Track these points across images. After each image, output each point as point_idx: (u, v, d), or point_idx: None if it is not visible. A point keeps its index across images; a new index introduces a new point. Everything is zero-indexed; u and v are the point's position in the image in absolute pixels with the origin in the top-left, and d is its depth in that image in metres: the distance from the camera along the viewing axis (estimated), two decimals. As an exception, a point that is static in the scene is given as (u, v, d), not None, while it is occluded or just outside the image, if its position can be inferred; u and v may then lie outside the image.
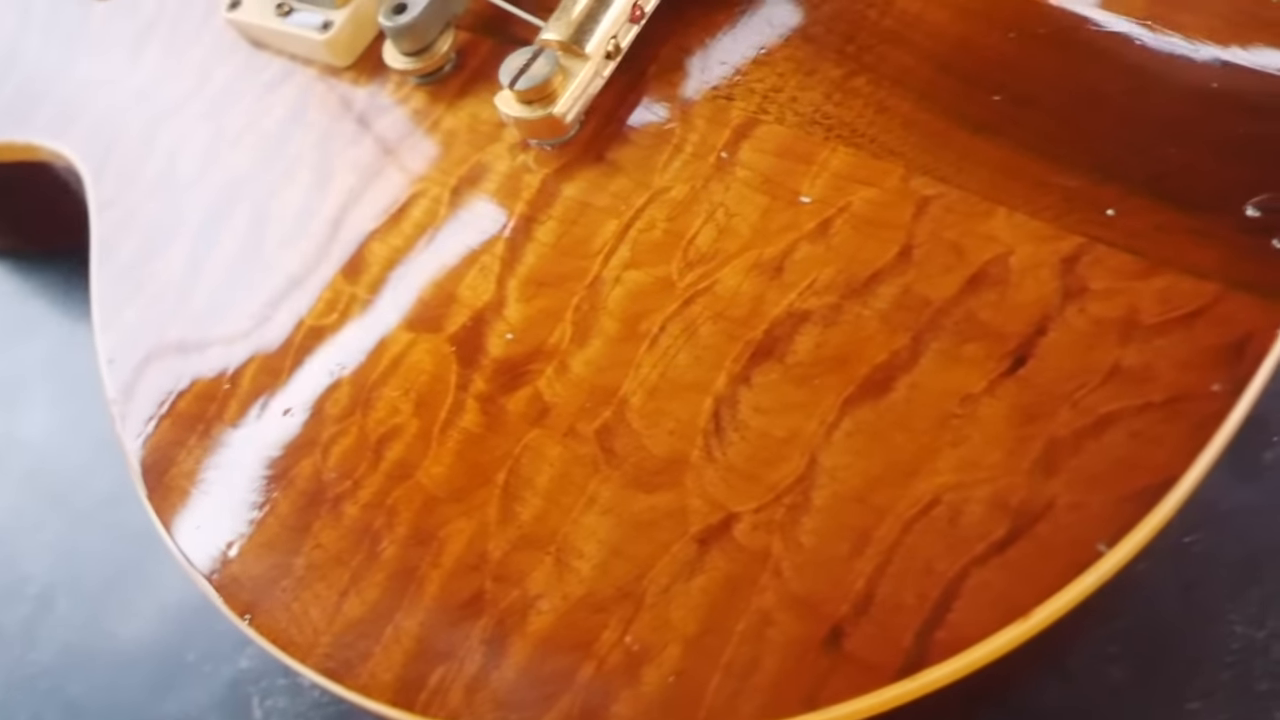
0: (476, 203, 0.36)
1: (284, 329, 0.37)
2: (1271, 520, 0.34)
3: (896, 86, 0.34)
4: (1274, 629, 0.32)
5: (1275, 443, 0.35)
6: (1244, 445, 0.35)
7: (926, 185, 0.32)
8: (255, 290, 0.38)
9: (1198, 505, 0.29)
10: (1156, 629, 0.33)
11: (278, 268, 0.38)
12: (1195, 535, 0.34)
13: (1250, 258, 0.30)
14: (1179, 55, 0.33)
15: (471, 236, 0.36)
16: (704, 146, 0.35)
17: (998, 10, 0.35)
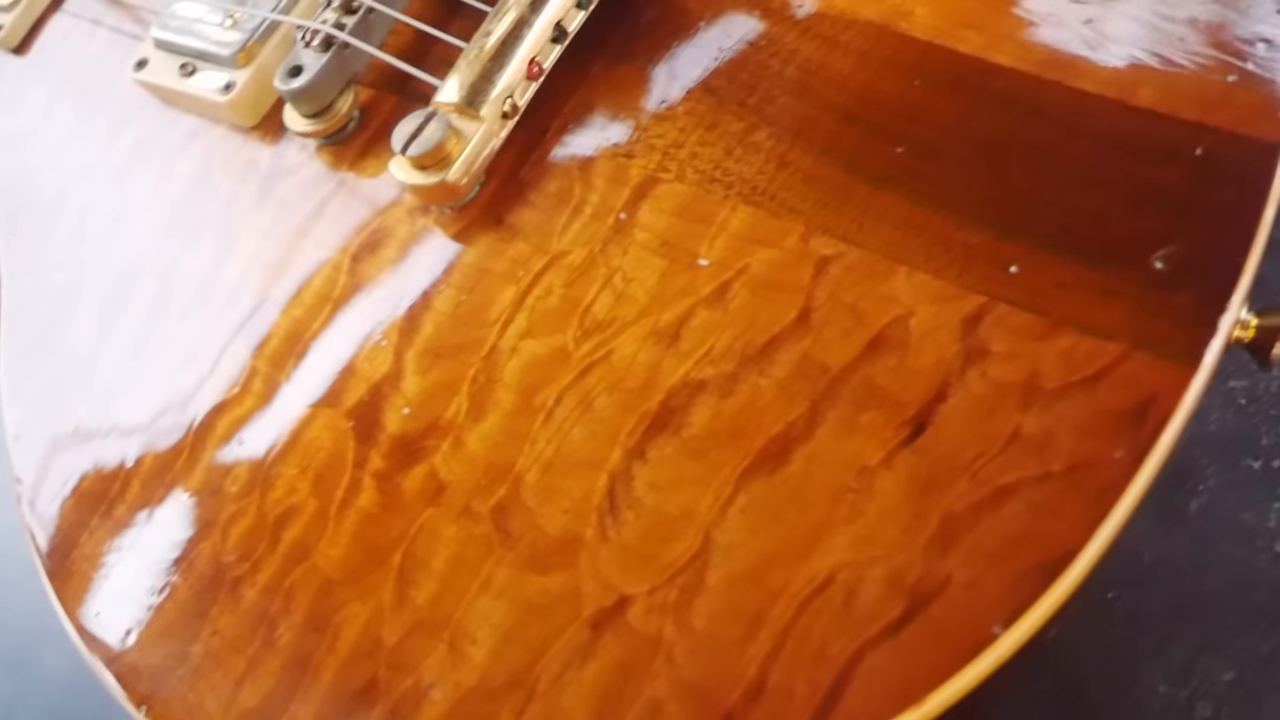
0: (376, 270, 0.36)
1: (186, 405, 0.36)
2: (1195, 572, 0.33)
3: (798, 140, 0.33)
4: (1197, 688, 0.31)
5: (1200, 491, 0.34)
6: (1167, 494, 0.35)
7: (826, 244, 0.32)
8: (159, 365, 0.37)
9: (1120, 558, 0.28)
10: (1076, 691, 0.32)
11: (181, 341, 0.37)
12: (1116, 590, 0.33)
13: (1156, 315, 0.29)
14: (1086, 100, 0.32)
15: (371, 306, 0.35)
16: (603, 207, 0.34)
17: (902, 57, 0.34)
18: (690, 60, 0.36)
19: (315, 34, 0.37)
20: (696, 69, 0.36)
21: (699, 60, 0.36)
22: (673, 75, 0.36)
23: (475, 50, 0.35)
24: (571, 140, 0.36)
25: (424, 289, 0.35)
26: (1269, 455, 0.35)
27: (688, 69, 0.36)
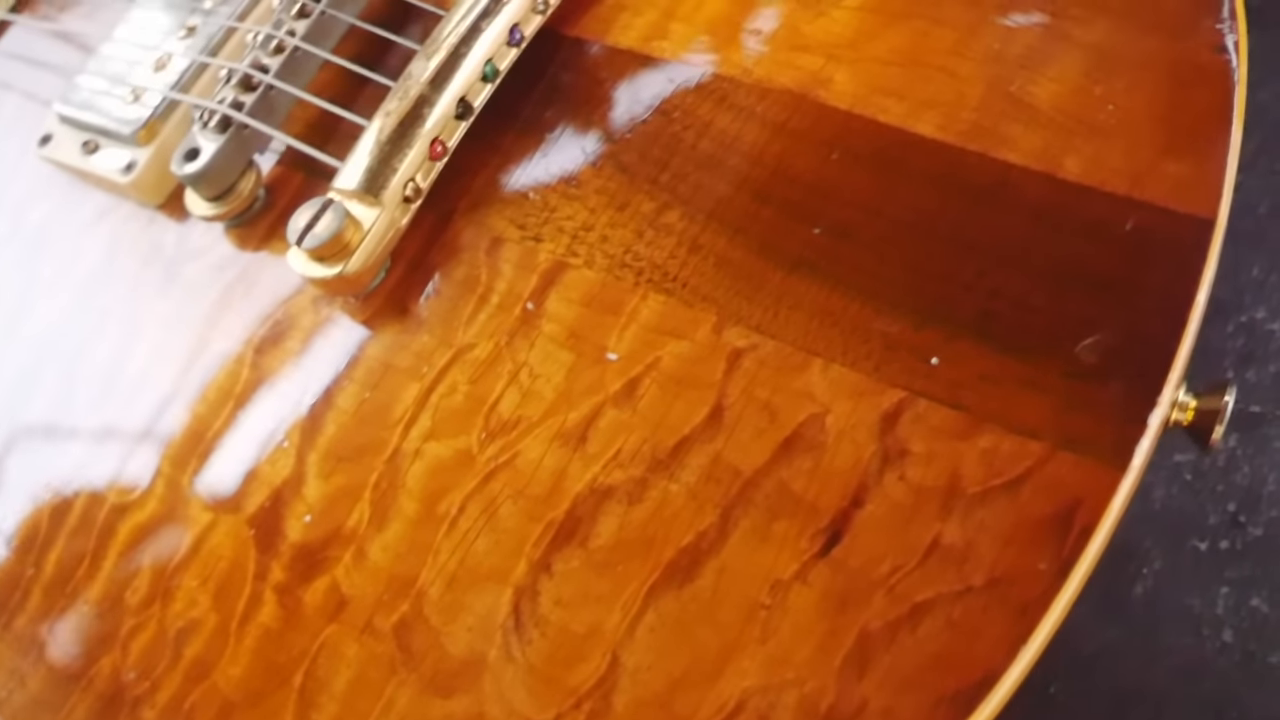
0: (279, 364, 0.34)
1: (89, 506, 0.35)
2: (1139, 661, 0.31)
3: (711, 221, 0.32)
4: (1141, 788, 0.30)
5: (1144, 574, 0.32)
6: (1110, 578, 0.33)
7: (740, 336, 0.30)
8: (61, 463, 0.36)
9: (1061, 649, 0.27)
10: (1017, 797, 0.31)
11: (83, 438, 0.36)
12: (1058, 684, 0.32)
13: (1081, 410, 0.27)
14: (1011, 173, 0.31)
15: (273, 403, 0.33)
16: (510, 296, 0.32)
17: (819, 128, 0.33)
18: (602, 134, 0.34)
19: (213, 114, 0.36)
20: (608, 143, 0.34)
21: (611, 134, 0.34)
22: (584, 150, 0.34)
23: (374, 133, 0.33)
24: (479, 222, 0.34)
25: (327, 385, 0.33)
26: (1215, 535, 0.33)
27: (599, 143, 0.34)
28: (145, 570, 0.33)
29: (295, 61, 0.36)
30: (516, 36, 0.35)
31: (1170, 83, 0.31)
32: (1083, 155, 0.31)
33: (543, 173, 0.34)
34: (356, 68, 0.36)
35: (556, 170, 0.34)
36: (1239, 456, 0.39)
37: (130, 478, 0.34)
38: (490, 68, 0.35)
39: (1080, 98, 0.32)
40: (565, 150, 0.34)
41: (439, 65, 0.34)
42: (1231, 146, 0.30)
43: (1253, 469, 0.39)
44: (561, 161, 0.34)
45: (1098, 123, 0.31)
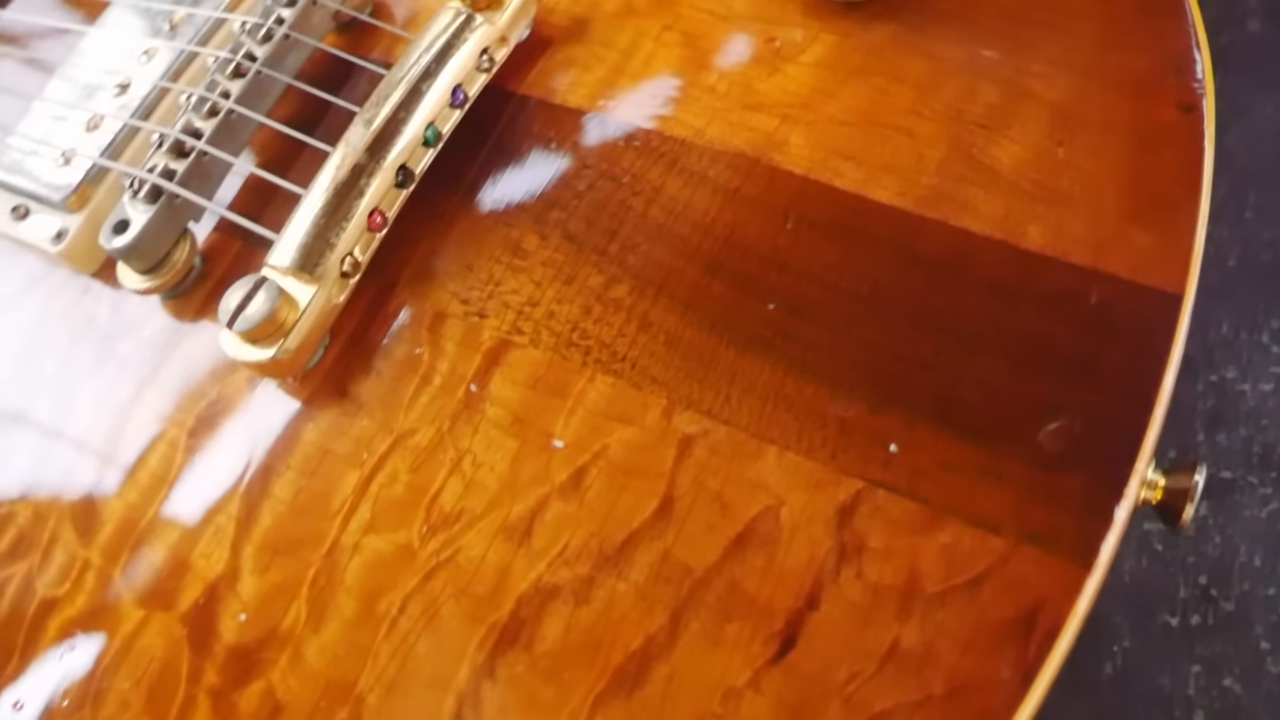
0: (213, 449, 0.33)
1: (19, 599, 0.33)
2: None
3: (661, 295, 0.31)
4: None
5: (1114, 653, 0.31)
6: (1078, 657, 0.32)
7: (690, 421, 0.29)
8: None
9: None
10: None
11: (13, 525, 0.35)
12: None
13: (1044, 502, 0.26)
14: (971, 242, 0.30)
15: (207, 491, 0.32)
16: (453, 377, 0.31)
17: (774, 194, 0.31)
18: (549, 200, 0.33)
19: (143, 183, 0.34)
20: (556, 210, 0.33)
21: (558, 200, 0.33)
22: (531, 218, 0.33)
23: (308, 206, 0.32)
24: (421, 295, 0.33)
25: (263, 472, 0.32)
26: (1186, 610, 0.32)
27: (546, 210, 0.33)
28: (77, 669, 0.32)
29: (230, 125, 0.35)
30: (460, 97, 0.34)
31: (1135, 144, 0.30)
32: (1045, 223, 0.30)
33: (487, 242, 0.33)
34: (293, 132, 0.35)
35: (501, 239, 0.33)
36: (1210, 526, 0.38)
37: (59, 568, 0.33)
38: (432, 132, 0.33)
39: (1043, 161, 0.31)
40: (511, 217, 0.33)
41: (377, 131, 0.32)
42: (1200, 215, 0.29)
43: (1224, 539, 0.38)
44: (506, 230, 0.33)
45: (1061, 188, 0.30)
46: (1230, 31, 0.47)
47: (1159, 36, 0.32)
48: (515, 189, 0.34)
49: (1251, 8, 0.47)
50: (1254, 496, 0.38)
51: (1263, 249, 0.43)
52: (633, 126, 0.33)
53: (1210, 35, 0.33)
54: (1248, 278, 0.43)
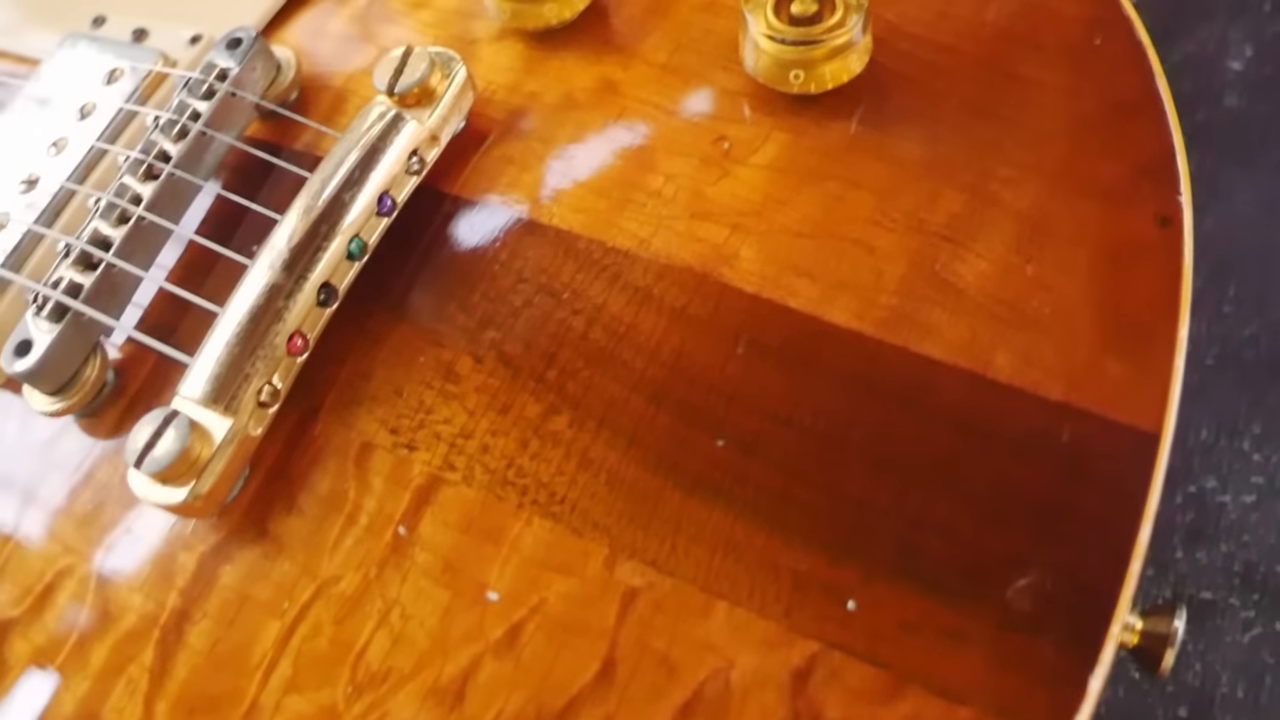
0: (127, 591, 0.31)
1: (-80, 751, 0.31)
2: None
3: (603, 429, 0.29)
4: None
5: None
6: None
7: (634, 572, 0.27)
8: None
9: None
10: None
11: (-87, 668, 0.33)
12: None
13: (1013, 668, 0.25)
14: (935, 372, 0.28)
15: (121, 639, 0.30)
16: (380, 517, 0.29)
17: (723, 315, 0.30)
18: (484, 317, 0.31)
19: (46, 299, 0.32)
20: (491, 329, 0.31)
21: (494, 317, 0.31)
22: (465, 338, 0.31)
23: (221, 333, 0.30)
24: (347, 423, 0.31)
25: (178, 618, 0.30)
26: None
27: (481, 329, 0.31)
28: (-20, 835, 0.30)
29: (141, 233, 0.33)
30: (387, 205, 0.32)
31: (1108, 262, 0.29)
32: (1014, 350, 0.28)
33: (417, 364, 0.31)
34: (208, 243, 0.32)
35: (433, 361, 0.31)
36: (1190, 652, 0.37)
37: (-35, 720, 0.31)
38: (357, 244, 0.31)
39: (1010, 279, 0.29)
40: (442, 336, 0.31)
41: (297, 247, 0.30)
42: (1178, 344, 0.27)
43: (1204, 666, 0.36)
44: (438, 351, 0.31)
45: (1030, 310, 0.28)
46: (1207, 107, 0.45)
47: (1132, 138, 0.30)
48: (447, 304, 0.32)
49: (1229, 81, 0.45)
50: (1235, 620, 0.37)
51: (1243, 346, 0.41)
52: (573, 235, 0.32)
53: (1186, 111, 0.31)
54: (1227, 377, 0.41)
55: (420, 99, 0.33)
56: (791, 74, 0.31)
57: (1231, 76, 0.45)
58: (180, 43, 0.38)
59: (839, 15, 0.31)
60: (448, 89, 0.33)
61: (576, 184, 0.33)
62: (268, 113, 0.36)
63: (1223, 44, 0.44)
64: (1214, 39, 0.44)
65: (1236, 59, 0.43)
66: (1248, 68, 0.43)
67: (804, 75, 0.31)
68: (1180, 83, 0.33)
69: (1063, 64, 0.32)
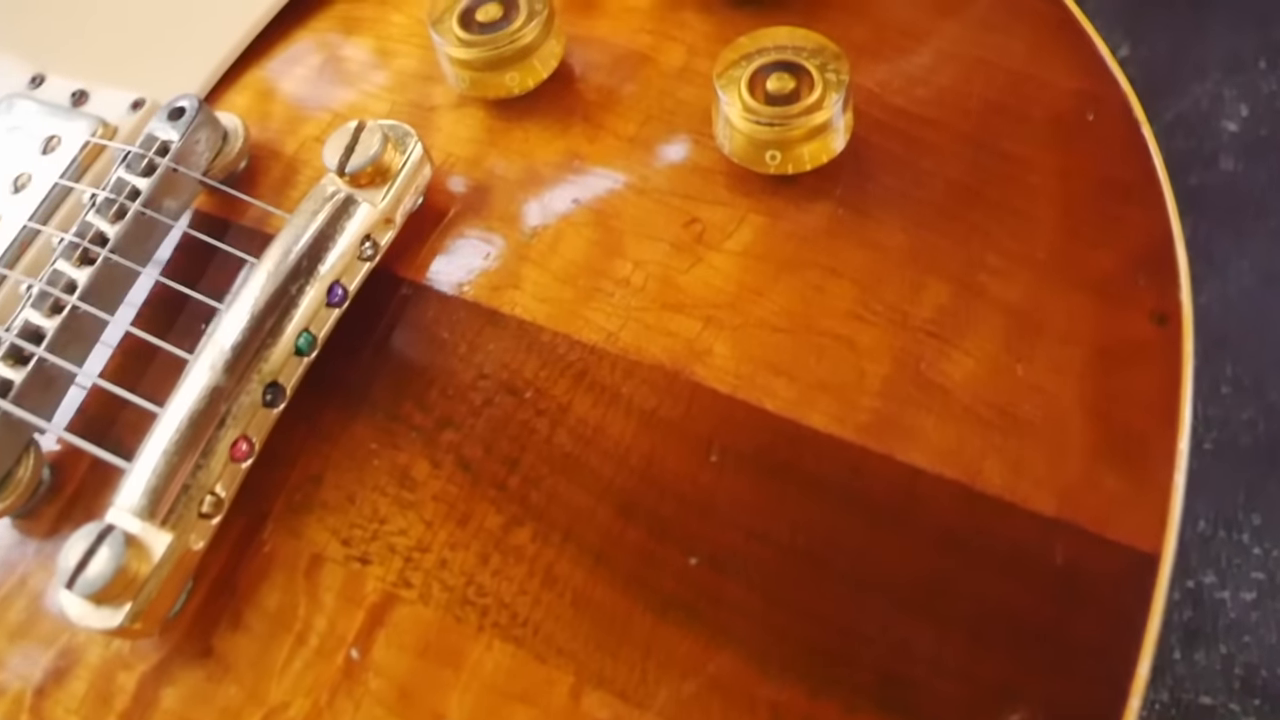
0: (59, 707, 0.29)
1: None
2: None
3: (568, 543, 0.27)
4: None
5: None
6: None
7: (601, 704, 0.25)
8: None
9: None
10: None
11: None
12: None
13: (1005, 816, 0.23)
14: (920, 482, 0.26)
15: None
16: (331, 638, 0.27)
17: (696, 418, 0.28)
18: (442, 417, 0.29)
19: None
20: (449, 431, 0.29)
21: (453, 417, 0.29)
22: (421, 439, 0.29)
23: (156, 443, 0.28)
24: (296, 532, 0.29)
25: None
26: None
27: (438, 430, 0.29)
28: None
29: (76, 324, 0.31)
30: (338, 295, 0.30)
31: (1103, 363, 0.27)
32: (1004, 459, 0.26)
33: (371, 467, 0.29)
34: (148, 336, 0.31)
35: (387, 465, 0.29)
36: None
37: None
38: (306, 339, 0.30)
39: (1000, 380, 0.27)
40: (398, 437, 0.29)
41: (239, 345, 0.29)
42: (1179, 455, 0.26)
43: None
44: (393, 453, 0.29)
45: (1021, 415, 0.27)
46: (1201, 170, 0.43)
47: (1127, 225, 0.29)
48: (403, 401, 0.30)
49: (1224, 143, 0.43)
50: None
51: (1241, 430, 0.40)
52: (537, 327, 0.30)
53: (1179, 174, 0.30)
54: (1226, 464, 0.40)
55: (373, 178, 0.31)
56: (768, 154, 0.30)
57: (1226, 138, 0.43)
58: (121, 108, 0.36)
59: (818, 93, 0.29)
60: (402, 167, 0.31)
61: (540, 269, 0.31)
62: (211, 190, 0.34)
63: (1217, 102, 0.43)
64: (1208, 96, 0.43)
65: (1231, 119, 0.41)
66: (1243, 128, 0.42)
67: (780, 156, 0.30)
68: (1173, 142, 0.32)
69: (1053, 141, 0.30)
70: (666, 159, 0.32)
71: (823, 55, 0.30)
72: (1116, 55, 0.45)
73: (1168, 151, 0.31)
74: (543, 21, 0.33)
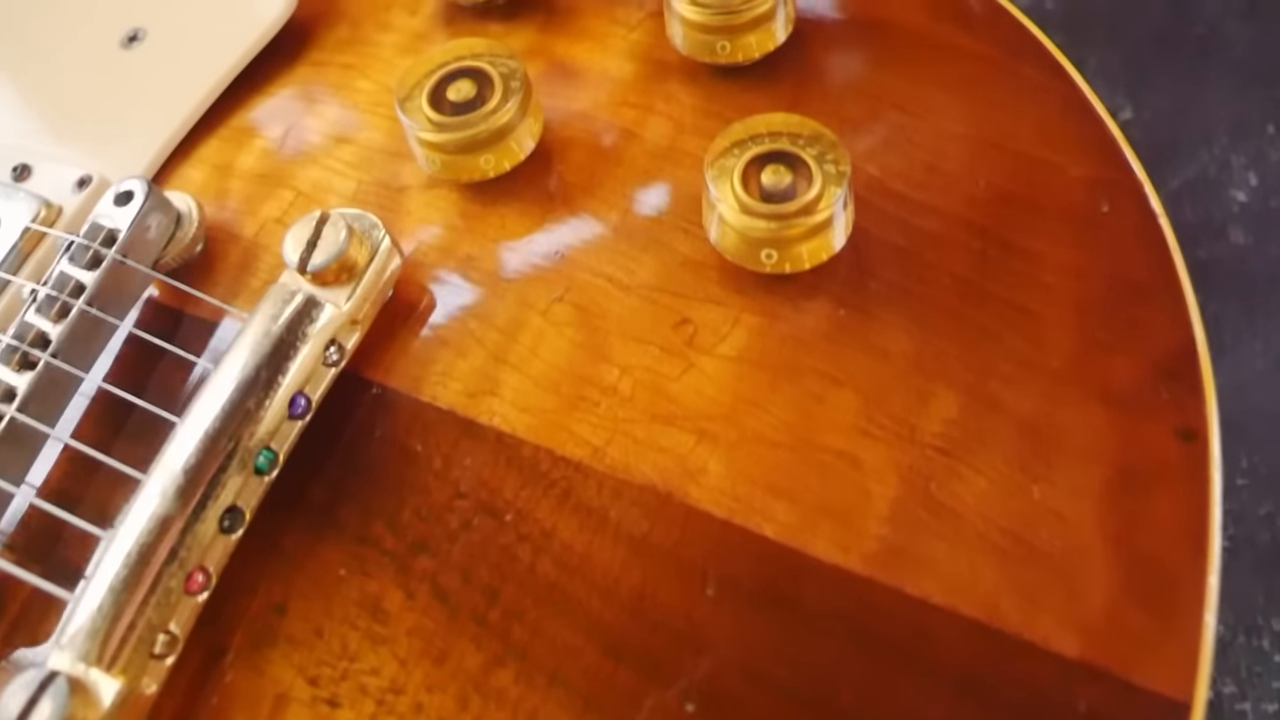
0: None
1: None
2: None
3: (554, 687, 0.25)
4: None
5: None
6: None
7: None
8: None
9: None
10: None
11: None
12: None
13: None
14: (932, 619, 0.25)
15: None
16: (298, 794, 0.25)
17: (689, 544, 0.26)
18: (416, 540, 0.27)
19: (-97, 521, 0.28)
20: (424, 556, 0.27)
21: (428, 540, 0.27)
22: (394, 566, 0.27)
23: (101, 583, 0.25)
24: (259, 670, 0.27)
25: None
26: None
27: (412, 555, 0.27)
28: None
29: (14, 436, 0.29)
30: (301, 407, 0.28)
31: (1125, 484, 0.25)
32: (1021, 593, 0.25)
33: (340, 596, 0.27)
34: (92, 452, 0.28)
35: (357, 594, 0.27)
36: None
37: None
38: (266, 457, 0.27)
39: (1015, 503, 0.25)
40: (368, 563, 0.27)
41: (192, 470, 0.26)
42: (1208, 589, 0.24)
43: None
44: (363, 580, 0.27)
45: (1039, 543, 0.25)
46: (1209, 243, 0.41)
47: (1147, 329, 0.27)
48: (373, 521, 0.28)
49: (1233, 214, 0.41)
50: None
51: (1259, 526, 0.38)
52: (517, 440, 0.28)
53: (1187, 245, 0.28)
54: (1244, 565, 0.38)
55: (338, 275, 0.29)
56: (763, 253, 0.28)
57: (1236, 208, 0.41)
58: (66, 186, 0.34)
59: (817, 189, 0.27)
60: (369, 264, 0.29)
61: (520, 374, 0.29)
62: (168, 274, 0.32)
63: (1225, 169, 0.41)
64: (1215, 164, 0.41)
65: (1240, 188, 0.40)
66: (1252, 198, 0.40)
67: (777, 256, 0.28)
68: (1180, 213, 0.30)
69: (1066, 235, 0.28)
70: (654, 251, 0.30)
71: (820, 144, 0.28)
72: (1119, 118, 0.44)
73: (1175, 223, 0.29)
74: (519, 100, 0.31)
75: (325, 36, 0.38)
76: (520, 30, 0.36)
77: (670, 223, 0.30)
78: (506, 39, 0.36)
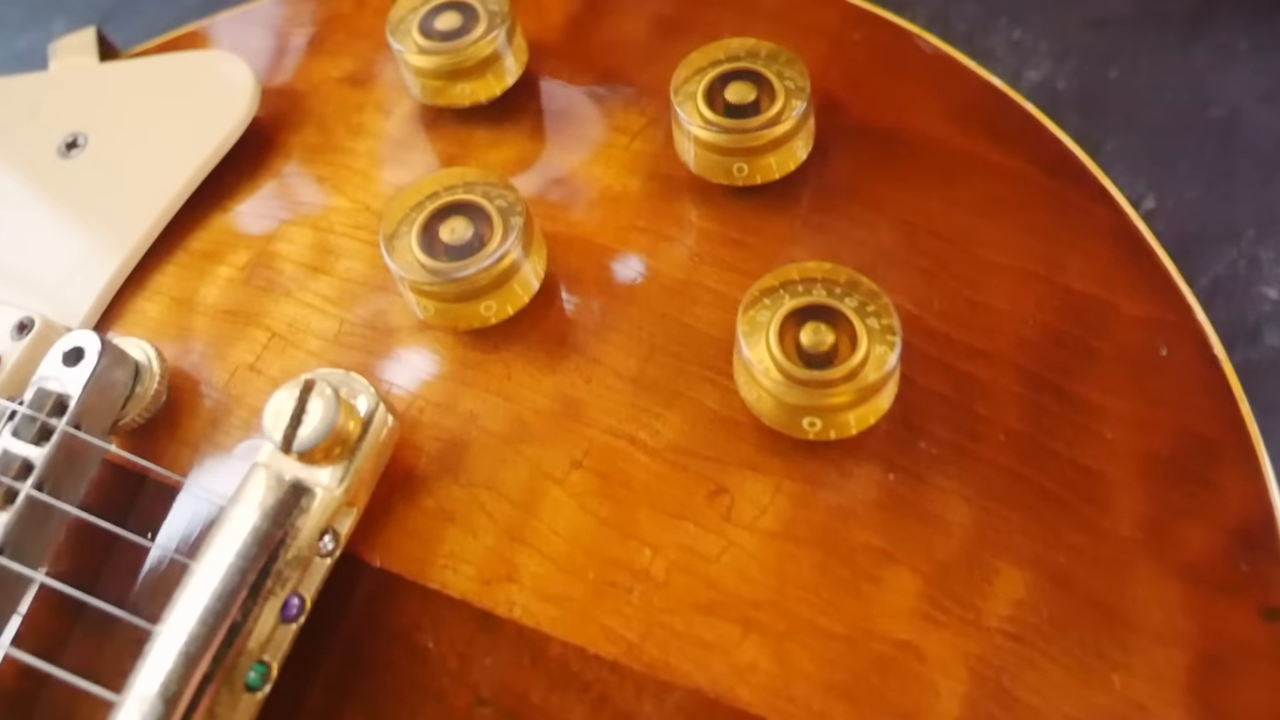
0: None
1: None
2: None
3: None
4: None
5: None
6: None
7: None
8: None
9: None
10: None
11: None
12: None
13: None
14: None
15: None
16: None
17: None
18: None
19: None
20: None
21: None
22: (408, 785, 0.24)
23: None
24: None
25: None
26: None
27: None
28: None
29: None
30: (294, 608, 0.25)
31: (1209, 671, 0.23)
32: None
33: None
34: (41, 664, 0.24)
35: (368, 824, 0.24)
36: None
37: None
38: (258, 672, 0.24)
39: (1096, 694, 0.23)
40: (378, 786, 0.24)
41: (172, 697, 0.23)
42: (1308, 794, 0.22)
43: None
44: (374, 808, 0.24)
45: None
46: (1244, 346, 0.39)
47: (1218, 490, 0.25)
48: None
49: (1266, 314, 0.39)
50: None
51: None
52: (542, 635, 0.25)
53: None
54: None
55: (329, 451, 0.25)
56: (805, 420, 0.25)
57: (1269, 307, 0.40)
58: (4, 331, 0.30)
59: (863, 350, 0.25)
60: (363, 436, 0.26)
61: (540, 556, 0.26)
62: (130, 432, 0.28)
63: (1254, 266, 0.39)
64: (1244, 260, 0.39)
65: (1271, 284, 0.38)
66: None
67: (821, 424, 0.25)
68: (1212, 312, 0.28)
69: (1125, 382, 0.26)
70: (679, 407, 0.27)
71: (858, 293, 0.26)
72: (1141, 208, 0.42)
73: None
74: (521, 237, 0.27)
75: (291, 142, 0.34)
76: (509, 138, 0.33)
77: (695, 372, 0.28)
78: (496, 148, 0.33)
